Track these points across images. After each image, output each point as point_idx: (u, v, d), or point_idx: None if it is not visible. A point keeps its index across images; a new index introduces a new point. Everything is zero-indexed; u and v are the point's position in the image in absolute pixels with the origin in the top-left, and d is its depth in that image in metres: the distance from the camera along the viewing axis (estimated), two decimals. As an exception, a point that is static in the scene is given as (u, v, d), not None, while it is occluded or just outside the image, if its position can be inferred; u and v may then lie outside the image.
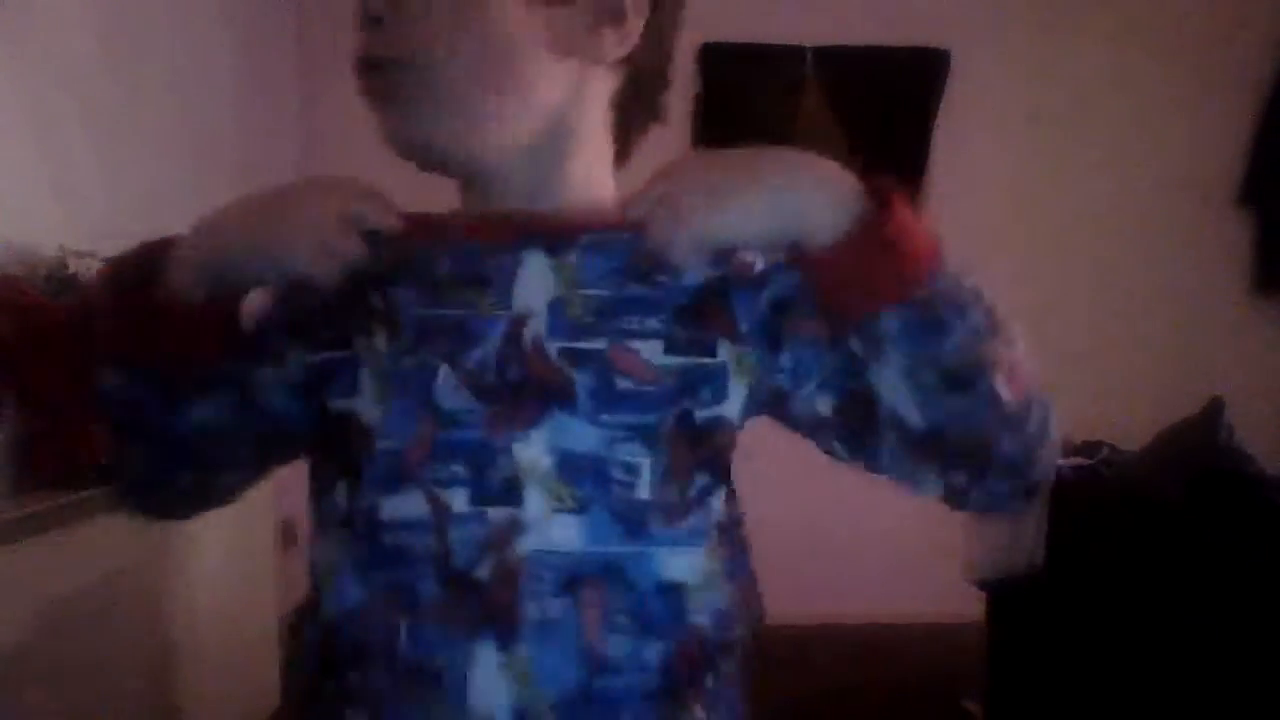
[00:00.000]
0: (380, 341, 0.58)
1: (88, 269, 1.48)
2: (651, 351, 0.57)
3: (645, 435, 0.56)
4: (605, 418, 0.56)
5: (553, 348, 0.56)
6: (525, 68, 0.58)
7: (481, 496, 0.55)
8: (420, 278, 0.59)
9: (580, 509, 0.55)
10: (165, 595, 1.56)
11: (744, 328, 0.59)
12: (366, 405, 0.58)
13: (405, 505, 0.55)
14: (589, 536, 0.55)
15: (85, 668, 1.32)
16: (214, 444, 0.61)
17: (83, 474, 1.45)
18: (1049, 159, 3.15)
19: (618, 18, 0.59)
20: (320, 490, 0.60)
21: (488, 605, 0.54)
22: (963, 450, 0.55)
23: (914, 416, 0.53)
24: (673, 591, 0.57)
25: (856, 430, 0.57)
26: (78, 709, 1.30)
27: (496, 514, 0.55)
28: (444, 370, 0.56)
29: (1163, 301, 3.15)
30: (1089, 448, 2.03)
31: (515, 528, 0.54)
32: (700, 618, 0.58)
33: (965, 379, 0.53)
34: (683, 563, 0.57)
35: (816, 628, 2.89)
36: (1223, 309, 3.16)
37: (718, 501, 0.60)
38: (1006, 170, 3.14)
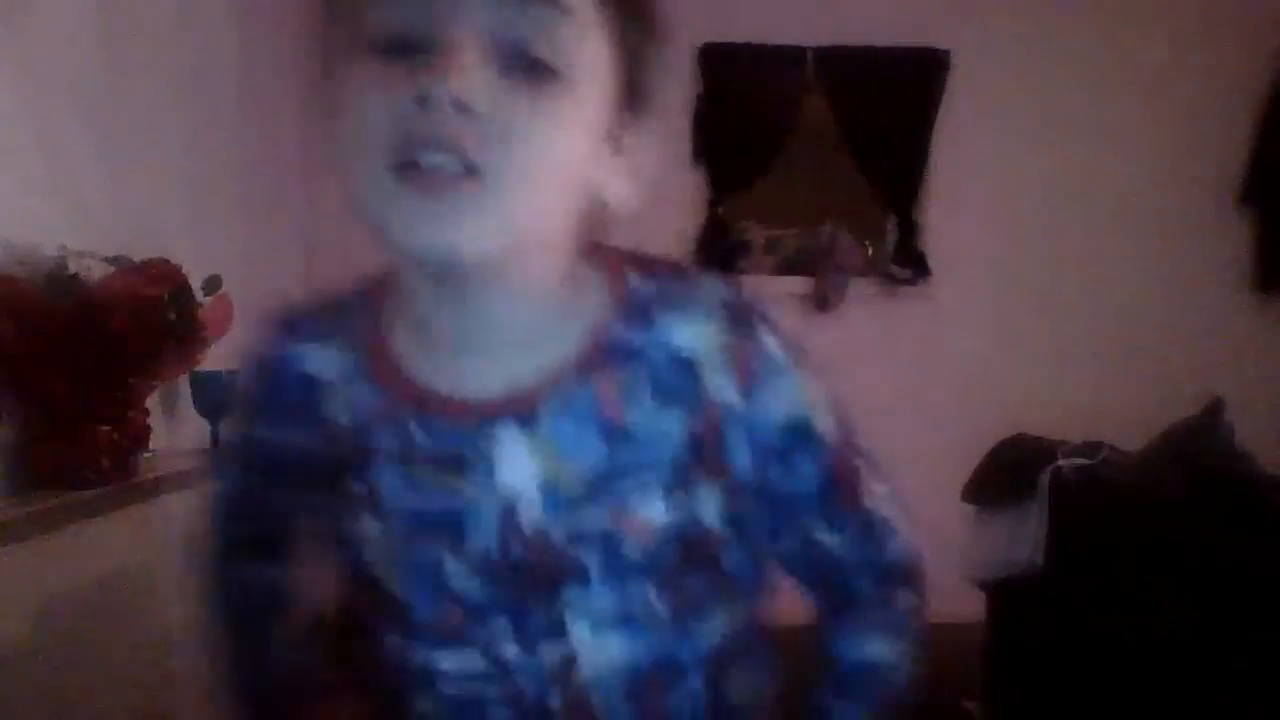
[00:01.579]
0: (371, 528, 0.60)
1: (88, 269, 1.48)
2: (653, 512, 0.59)
3: (657, 578, 0.60)
4: (619, 582, 0.59)
5: (554, 531, 0.57)
6: (570, 201, 0.56)
7: (533, 641, 0.59)
8: (397, 457, 0.59)
9: (622, 624, 0.60)
10: (165, 595, 1.56)
11: (738, 466, 0.61)
12: (384, 577, 0.60)
13: (462, 661, 0.60)
14: (635, 646, 0.60)
15: (85, 668, 1.31)
16: None
17: (83, 474, 1.45)
18: (1049, 159, 3.15)
19: (635, 171, 0.59)
20: (367, 632, 0.63)
21: None
22: None
23: None
24: (712, 663, 0.64)
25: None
26: (77, 709, 1.30)
27: (550, 650, 0.59)
28: (449, 562, 0.58)
29: (1163, 301, 3.15)
30: (1089, 448, 2.03)
31: (570, 656, 0.59)
32: (731, 686, 0.65)
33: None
34: (715, 642, 0.63)
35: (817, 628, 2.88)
36: (1223, 309, 3.16)
37: (726, 584, 0.64)
38: (1006, 170, 3.14)
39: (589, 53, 0.53)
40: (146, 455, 1.62)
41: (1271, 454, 1.81)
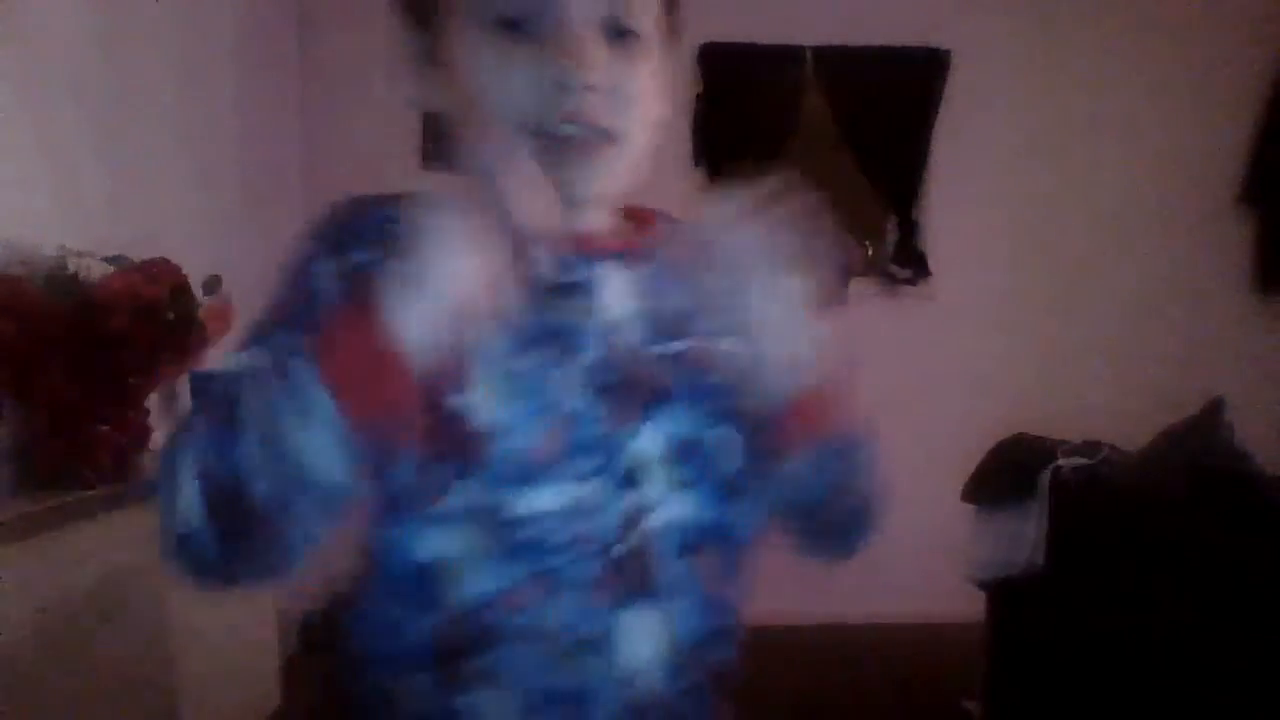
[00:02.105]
0: (490, 339, 0.62)
1: (87, 269, 1.48)
2: (726, 346, 0.66)
3: (733, 416, 0.66)
4: (701, 405, 0.66)
5: (648, 351, 0.66)
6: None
7: (612, 485, 0.64)
8: (519, 283, 0.63)
9: (690, 485, 0.65)
10: (165, 595, 1.56)
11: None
12: (481, 403, 0.62)
13: (544, 499, 0.62)
14: (699, 507, 0.66)
15: (85, 667, 1.32)
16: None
17: (83, 474, 1.45)
18: (1049, 159, 3.16)
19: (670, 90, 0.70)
20: (433, 487, 0.62)
21: (629, 577, 0.64)
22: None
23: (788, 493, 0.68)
24: (751, 546, 0.70)
25: None
26: (77, 709, 1.30)
27: (627, 499, 0.64)
28: (559, 373, 0.64)
29: (1163, 301, 3.16)
30: (1089, 448, 2.03)
31: (642, 508, 0.64)
32: (756, 559, 0.71)
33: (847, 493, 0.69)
34: (759, 516, 0.69)
35: (816, 628, 2.89)
36: (1223, 309, 3.16)
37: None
38: (1006, 170, 3.14)
39: (655, 11, 0.66)
40: (147, 455, 1.63)
41: (1271, 454, 1.81)
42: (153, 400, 1.70)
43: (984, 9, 3.08)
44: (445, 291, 0.55)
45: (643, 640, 0.64)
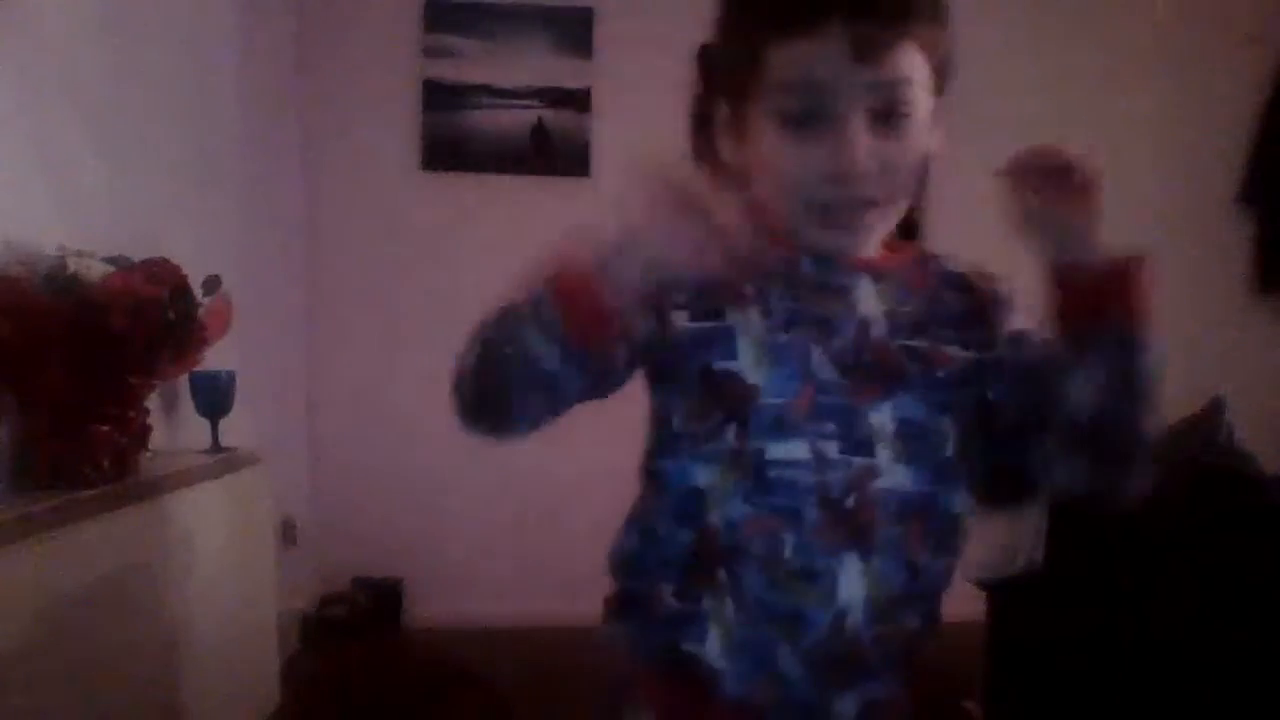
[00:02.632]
0: (754, 319, 0.78)
1: (87, 269, 1.48)
2: (954, 350, 0.81)
3: (952, 410, 0.79)
4: (928, 395, 0.78)
5: (893, 344, 0.79)
6: None
7: (848, 447, 0.76)
8: (783, 280, 0.80)
9: (910, 460, 0.77)
10: (165, 595, 1.56)
11: (996, 337, 0.84)
12: (748, 367, 0.76)
13: (791, 449, 0.75)
14: (915, 480, 0.77)
15: (85, 668, 1.32)
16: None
17: (83, 474, 1.45)
18: (1049, 159, 3.15)
19: (943, 123, 0.85)
20: (704, 431, 0.77)
21: (853, 527, 0.75)
22: (1102, 448, 0.79)
23: (1084, 414, 0.76)
24: (957, 521, 0.80)
25: (1018, 424, 0.81)
26: (77, 709, 1.30)
27: (858, 461, 0.76)
28: (817, 350, 0.77)
29: (1162, 301, 3.15)
30: (1089, 448, 2.03)
31: (870, 472, 0.76)
32: (962, 543, 0.81)
33: (1140, 395, 0.77)
34: (964, 500, 0.80)
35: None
36: (1223, 309, 3.16)
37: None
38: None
39: (924, 89, 0.78)
40: (146, 455, 1.62)
41: (1271, 454, 1.81)
42: (153, 400, 1.70)
43: (984, 9, 3.08)
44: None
45: (854, 584, 0.75)
